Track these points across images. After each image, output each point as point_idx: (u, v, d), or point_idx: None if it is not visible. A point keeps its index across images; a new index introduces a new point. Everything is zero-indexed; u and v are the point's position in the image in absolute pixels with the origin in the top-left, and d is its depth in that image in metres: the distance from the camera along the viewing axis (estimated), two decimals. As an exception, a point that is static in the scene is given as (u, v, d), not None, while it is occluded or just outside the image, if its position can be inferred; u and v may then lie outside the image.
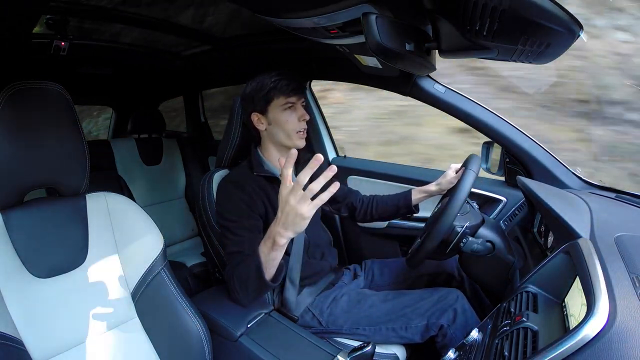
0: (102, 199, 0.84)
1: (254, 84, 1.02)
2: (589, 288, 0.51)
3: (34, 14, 1.04)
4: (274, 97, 1.00)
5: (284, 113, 1.01)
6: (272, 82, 0.99)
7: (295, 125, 1.02)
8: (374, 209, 1.24)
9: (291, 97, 1.01)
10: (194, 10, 1.39)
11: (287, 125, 1.01)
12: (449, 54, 0.80)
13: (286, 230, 0.75)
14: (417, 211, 1.21)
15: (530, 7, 0.56)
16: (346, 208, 1.28)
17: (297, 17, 0.83)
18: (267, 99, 1.00)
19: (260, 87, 1.00)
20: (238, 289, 0.91)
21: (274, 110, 1.01)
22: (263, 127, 1.04)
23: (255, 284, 0.86)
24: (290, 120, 1.01)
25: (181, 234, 2.06)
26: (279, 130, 1.02)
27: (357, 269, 1.26)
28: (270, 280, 0.84)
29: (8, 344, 0.65)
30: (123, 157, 1.94)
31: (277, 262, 0.84)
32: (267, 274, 0.84)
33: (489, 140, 1.24)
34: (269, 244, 0.80)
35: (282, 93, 0.99)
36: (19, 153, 0.70)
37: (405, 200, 1.19)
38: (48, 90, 0.73)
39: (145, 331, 0.84)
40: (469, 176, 0.93)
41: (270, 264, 0.83)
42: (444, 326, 0.92)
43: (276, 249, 0.80)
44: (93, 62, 1.69)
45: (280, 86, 0.99)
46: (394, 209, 1.22)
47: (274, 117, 1.01)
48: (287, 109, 1.01)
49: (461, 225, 0.90)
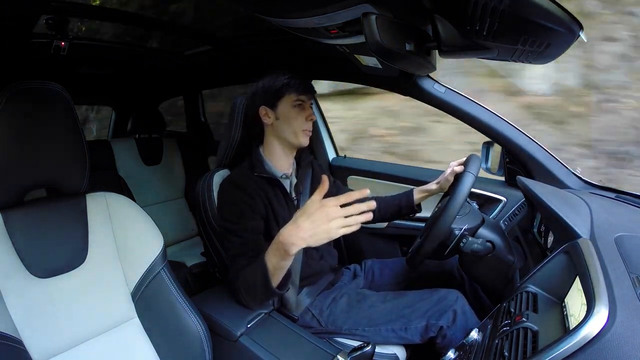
0: (102, 199, 0.84)
1: (267, 79, 1.05)
2: (589, 288, 0.51)
3: (34, 14, 1.04)
4: (286, 92, 1.02)
5: (293, 110, 1.03)
6: (286, 79, 1.03)
7: (303, 123, 1.04)
8: (377, 210, 1.23)
9: (302, 95, 1.03)
10: (194, 10, 1.39)
11: (295, 122, 1.03)
12: (449, 54, 0.80)
13: (305, 242, 0.73)
14: (420, 210, 1.21)
15: (530, 7, 0.56)
16: None
17: (297, 17, 0.83)
18: (279, 94, 1.02)
19: (274, 82, 1.03)
20: (244, 293, 0.91)
21: (284, 106, 1.03)
22: (270, 122, 1.04)
23: (262, 291, 0.85)
24: (299, 117, 1.03)
25: (181, 234, 2.06)
26: (286, 126, 1.04)
27: (357, 269, 1.26)
28: (277, 287, 0.84)
29: (8, 343, 0.65)
30: (123, 157, 1.94)
31: (285, 271, 0.84)
32: (274, 281, 0.83)
33: (489, 140, 1.24)
34: (278, 254, 0.78)
35: (294, 90, 1.02)
36: (19, 153, 0.70)
37: (408, 200, 1.19)
38: (48, 90, 0.73)
39: (145, 331, 0.84)
40: (468, 178, 0.92)
41: (279, 272, 0.83)
42: (444, 327, 0.92)
43: (287, 259, 0.79)
44: (93, 62, 1.69)
45: (294, 83, 1.02)
46: (396, 209, 1.22)
47: (283, 112, 1.03)
48: (297, 106, 1.03)
49: (459, 228, 0.90)
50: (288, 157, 1.10)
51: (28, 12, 0.99)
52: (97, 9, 1.31)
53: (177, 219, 2.06)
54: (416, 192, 1.19)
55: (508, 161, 1.23)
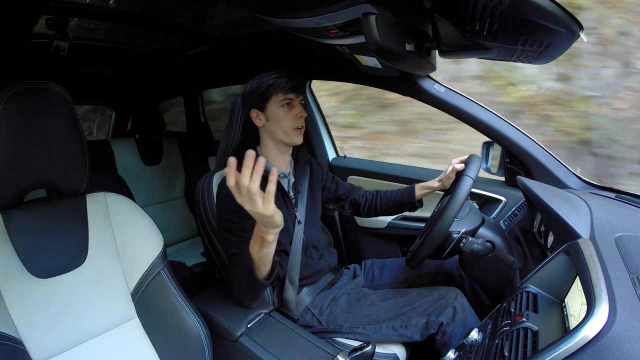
0: (102, 199, 0.84)
1: (254, 81, 1.04)
2: (589, 288, 0.51)
3: (34, 14, 1.04)
4: (272, 93, 1.01)
5: (281, 109, 1.02)
6: (271, 80, 1.01)
7: (293, 122, 1.03)
8: (378, 204, 1.24)
9: (289, 94, 1.02)
10: (194, 10, 1.39)
11: (285, 121, 1.02)
12: (449, 54, 0.80)
13: (267, 228, 0.76)
14: (422, 206, 1.22)
15: (530, 7, 0.56)
16: (350, 205, 1.28)
17: (297, 17, 0.83)
18: (265, 95, 1.02)
19: (260, 84, 1.02)
20: (237, 290, 0.91)
21: (272, 107, 1.02)
22: (261, 124, 1.05)
23: (248, 283, 0.86)
24: (287, 116, 1.03)
25: (181, 234, 2.06)
26: (277, 127, 1.04)
27: (357, 269, 1.27)
28: (264, 278, 0.85)
29: (8, 344, 0.65)
30: (123, 157, 1.94)
31: (270, 259, 0.84)
32: (261, 271, 0.84)
33: (489, 140, 1.24)
34: (258, 242, 0.81)
35: (280, 90, 1.01)
36: (19, 153, 0.70)
37: (409, 195, 1.20)
38: (48, 90, 0.73)
39: (145, 331, 0.84)
40: (466, 183, 0.92)
41: (263, 261, 0.83)
42: (444, 324, 0.92)
43: (266, 246, 0.80)
44: (93, 62, 1.69)
45: (279, 83, 1.01)
46: (397, 204, 1.22)
47: (272, 114, 1.03)
48: (285, 105, 1.03)
49: (457, 232, 0.90)
50: (284, 156, 1.10)
51: (28, 12, 0.99)
52: (97, 9, 1.31)
53: (177, 219, 2.06)
54: (418, 188, 1.20)
55: (508, 161, 1.23)
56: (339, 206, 1.30)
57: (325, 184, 1.25)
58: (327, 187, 1.25)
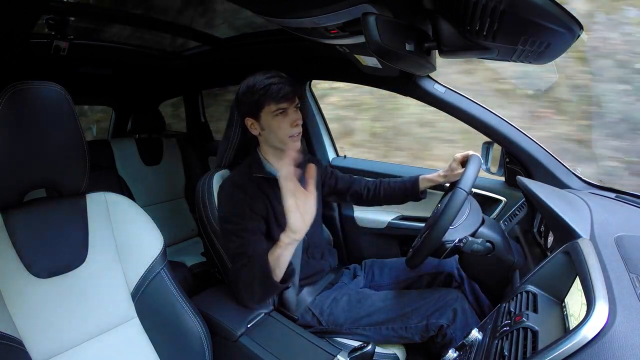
0: (102, 199, 0.84)
1: (245, 87, 1.00)
2: (589, 288, 0.51)
3: (34, 14, 1.04)
4: (264, 104, 0.97)
5: (275, 119, 0.98)
6: (262, 89, 0.96)
7: (288, 130, 0.99)
8: (381, 193, 1.23)
9: (282, 103, 0.96)
10: (194, 10, 1.39)
11: (280, 131, 0.99)
12: (449, 54, 0.80)
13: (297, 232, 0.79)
14: (425, 197, 1.21)
15: (530, 7, 0.56)
16: (351, 197, 1.27)
17: (297, 17, 0.83)
18: (257, 105, 0.97)
19: (251, 92, 0.97)
20: (243, 291, 0.91)
21: (266, 117, 0.98)
22: (257, 132, 1.02)
23: (261, 284, 0.86)
24: (282, 126, 0.98)
25: (181, 234, 2.06)
26: (272, 136, 1.01)
27: (357, 269, 1.27)
28: (280, 282, 0.86)
29: (8, 344, 0.65)
30: (123, 157, 1.94)
31: (285, 262, 0.85)
32: (276, 274, 0.85)
33: (489, 140, 1.24)
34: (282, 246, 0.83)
35: (272, 99, 0.96)
36: (19, 153, 0.70)
37: (413, 187, 1.19)
38: (48, 90, 0.73)
39: (145, 331, 0.84)
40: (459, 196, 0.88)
41: (277, 263, 0.84)
42: (444, 326, 0.92)
43: (280, 246, 0.81)
44: (93, 62, 1.69)
45: (270, 92, 0.95)
46: (401, 193, 1.21)
47: (266, 123, 0.99)
48: (279, 114, 0.97)
49: (451, 241, 0.90)
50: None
51: (28, 12, 0.99)
52: (97, 9, 1.31)
53: (177, 219, 2.06)
54: (422, 181, 1.19)
55: (508, 161, 1.23)
56: (340, 199, 1.31)
57: (325, 180, 1.24)
58: (327, 183, 1.25)
